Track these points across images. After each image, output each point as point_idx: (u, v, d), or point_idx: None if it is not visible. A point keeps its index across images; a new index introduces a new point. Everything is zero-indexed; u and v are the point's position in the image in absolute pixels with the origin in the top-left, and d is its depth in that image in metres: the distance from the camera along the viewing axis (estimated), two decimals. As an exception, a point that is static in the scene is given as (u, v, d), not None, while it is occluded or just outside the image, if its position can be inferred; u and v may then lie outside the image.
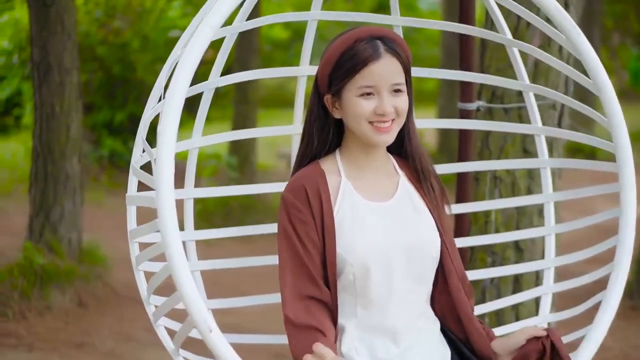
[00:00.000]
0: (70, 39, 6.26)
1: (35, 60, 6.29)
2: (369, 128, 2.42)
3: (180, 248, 2.06)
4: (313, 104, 2.51)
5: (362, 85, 2.39)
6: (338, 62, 2.42)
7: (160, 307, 2.44)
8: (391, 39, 2.43)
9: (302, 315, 2.35)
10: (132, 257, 2.62)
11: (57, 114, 6.29)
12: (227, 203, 8.59)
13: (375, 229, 2.42)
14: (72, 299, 6.05)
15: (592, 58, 2.53)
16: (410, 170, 2.57)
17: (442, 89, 13.21)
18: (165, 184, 2.08)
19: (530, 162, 3.40)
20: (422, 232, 2.47)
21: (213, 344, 2.06)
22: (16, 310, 5.75)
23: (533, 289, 3.21)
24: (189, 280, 2.05)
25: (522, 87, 3.09)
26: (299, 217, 2.40)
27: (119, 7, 10.75)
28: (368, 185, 2.49)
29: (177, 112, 2.11)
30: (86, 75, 10.03)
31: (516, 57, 3.07)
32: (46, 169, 6.36)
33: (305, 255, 2.39)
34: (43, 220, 6.41)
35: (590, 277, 2.87)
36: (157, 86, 2.66)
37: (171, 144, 2.10)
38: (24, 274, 5.96)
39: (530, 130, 3.18)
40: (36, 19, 6.24)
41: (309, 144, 2.52)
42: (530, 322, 3.16)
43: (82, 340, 5.53)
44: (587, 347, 2.46)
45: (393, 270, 2.41)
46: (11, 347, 5.33)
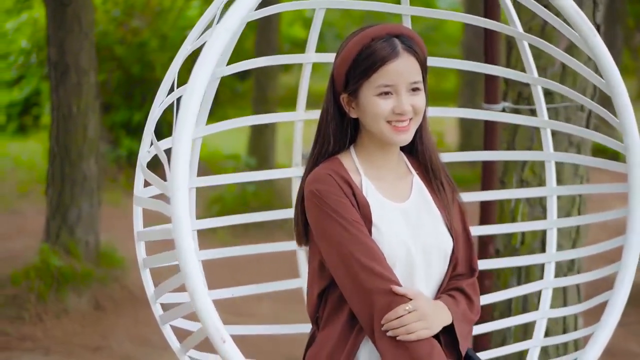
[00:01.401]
0: (88, 39, 6.20)
1: (52, 60, 6.23)
2: (387, 128, 2.39)
3: (196, 262, 2.06)
4: (328, 103, 2.47)
5: (381, 84, 2.36)
6: (355, 60, 2.38)
7: (170, 314, 2.45)
8: (408, 36, 2.40)
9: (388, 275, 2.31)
10: (139, 259, 2.62)
11: (74, 114, 6.23)
12: (246, 202, 8.52)
13: (400, 229, 2.39)
14: (89, 302, 6.00)
15: (606, 59, 2.55)
16: (421, 168, 2.54)
17: (462, 89, 13.07)
18: (181, 189, 2.07)
19: (534, 154, 3.39)
20: (438, 234, 2.45)
21: (227, 355, 2.05)
22: (32, 313, 5.72)
23: (534, 283, 3.19)
24: (204, 294, 2.04)
25: (530, 80, 3.07)
26: (337, 201, 2.34)
27: (137, 6, 10.70)
28: (386, 185, 2.46)
29: (192, 120, 2.08)
30: (104, 74, 9.99)
31: (526, 50, 3.04)
32: (63, 170, 6.30)
33: (360, 232, 2.33)
34: (60, 222, 6.35)
35: (594, 274, 2.92)
36: (166, 81, 2.65)
37: (186, 156, 2.08)
38: (41, 276, 5.92)
39: (536, 123, 3.15)
40: (53, 18, 6.18)
41: (325, 144, 2.48)
42: (530, 317, 3.13)
43: (99, 343, 5.48)
44: (592, 347, 2.53)
45: (414, 273, 2.39)
46: (27, 350, 5.29)
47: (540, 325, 3.05)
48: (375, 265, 2.29)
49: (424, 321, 2.27)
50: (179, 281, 2.24)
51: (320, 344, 2.41)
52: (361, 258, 2.30)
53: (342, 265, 2.31)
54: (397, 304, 2.28)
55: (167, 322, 2.53)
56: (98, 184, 6.52)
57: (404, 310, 2.26)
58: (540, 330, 3.05)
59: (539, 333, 3.04)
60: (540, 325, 3.05)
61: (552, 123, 3.15)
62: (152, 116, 2.62)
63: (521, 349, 3.10)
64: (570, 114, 3.72)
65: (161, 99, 2.65)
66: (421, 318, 2.27)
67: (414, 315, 2.26)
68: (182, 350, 2.47)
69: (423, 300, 2.31)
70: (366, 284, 2.29)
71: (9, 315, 5.67)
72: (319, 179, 2.38)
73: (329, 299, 2.43)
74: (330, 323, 2.41)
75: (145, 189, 2.67)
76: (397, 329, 2.26)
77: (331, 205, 2.34)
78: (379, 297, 2.28)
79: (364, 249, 2.31)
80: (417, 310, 2.26)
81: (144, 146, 2.65)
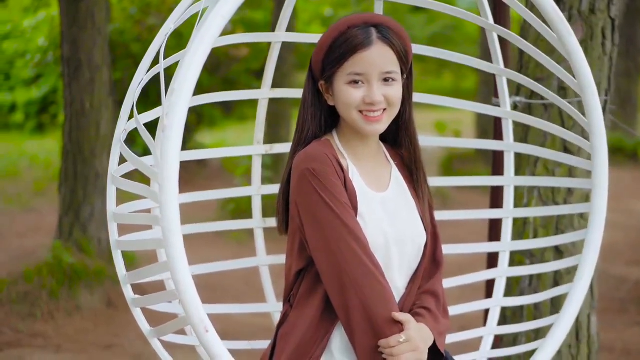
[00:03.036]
0: (101, 35, 6.17)
1: (65, 56, 6.21)
2: (358, 117, 2.38)
3: (182, 247, 2.02)
4: (307, 90, 2.48)
5: (351, 72, 2.36)
6: (330, 47, 2.39)
7: (148, 299, 2.46)
8: (386, 26, 2.39)
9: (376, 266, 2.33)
10: (111, 240, 2.61)
11: (87, 111, 6.21)
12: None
13: (380, 219, 2.40)
14: (102, 300, 5.96)
15: (580, 59, 2.60)
16: (400, 159, 2.55)
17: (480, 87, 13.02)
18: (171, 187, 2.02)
19: (493, 144, 3.44)
20: (413, 226, 2.46)
21: (209, 345, 2.04)
22: (44, 310, 5.69)
23: (488, 271, 3.30)
24: (189, 282, 2.01)
25: (496, 71, 3.14)
26: (333, 182, 2.33)
27: (153, 4, 10.66)
28: (367, 173, 2.46)
29: (182, 119, 2.04)
30: (121, 72, 9.97)
31: (495, 41, 3.13)
32: (76, 167, 6.28)
33: (350, 217, 2.33)
34: (73, 219, 6.33)
35: (554, 265, 3.08)
36: (146, 59, 2.64)
37: (177, 145, 2.03)
38: (53, 273, 5.89)
39: (498, 114, 3.26)
40: (66, 14, 6.16)
41: (304, 131, 2.47)
42: (483, 305, 3.25)
43: (111, 341, 5.45)
44: (552, 337, 2.63)
45: (390, 262, 2.40)
46: (39, 347, 5.26)
47: (493, 313, 3.15)
48: (363, 254, 2.30)
49: (416, 352, 2.29)
50: (162, 268, 2.25)
51: (292, 324, 2.42)
52: (351, 243, 2.29)
53: (327, 250, 2.31)
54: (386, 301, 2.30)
55: (140, 306, 2.54)
56: (111, 181, 6.48)
57: (397, 342, 2.27)
58: (494, 319, 3.14)
59: (493, 321, 3.13)
60: (493, 313, 3.15)
61: (514, 114, 3.25)
62: (131, 91, 2.62)
63: (475, 336, 3.16)
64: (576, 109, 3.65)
65: (141, 76, 2.64)
66: (413, 348, 2.29)
67: (406, 346, 2.28)
68: (154, 333, 2.48)
69: (413, 329, 2.31)
70: (354, 271, 2.29)
71: (21, 312, 5.64)
72: (316, 158, 2.36)
73: (305, 279, 2.42)
74: (304, 303, 2.41)
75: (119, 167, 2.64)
76: (389, 357, 2.28)
77: (326, 185, 2.32)
78: (367, 288, 2.29)
79: (353, 234, 2.30)
80: (409, 341, 2.28)
81: (121, 123, 2.65)
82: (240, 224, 3.18)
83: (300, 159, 2.38)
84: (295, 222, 2.41)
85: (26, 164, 11.53)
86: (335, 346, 2.38)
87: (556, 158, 3.13)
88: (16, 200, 9.65)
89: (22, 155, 12.15)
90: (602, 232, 2.69)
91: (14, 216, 8.91)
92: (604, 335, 5.21)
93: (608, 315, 5.62)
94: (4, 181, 10.71)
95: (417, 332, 2.31)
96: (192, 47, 2.06)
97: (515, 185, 3.36)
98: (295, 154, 2.43)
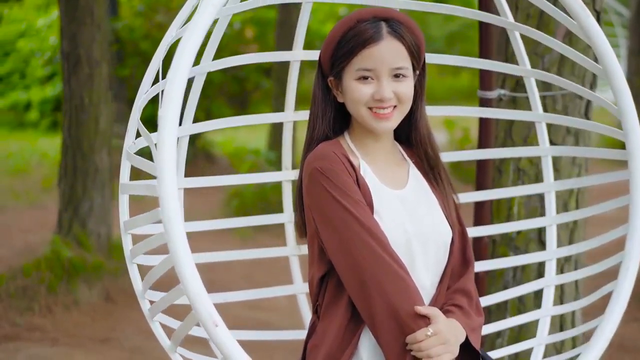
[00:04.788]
0: (100, 30, 6.18)
1: (64, 51, 6.23)
2: (367, 114, 2.30)
3: (184, 239, 1.95)
4: (317, 87, 2.40)
5: (360, 68, 2.28)
6: (339, 42, 2.31)
7: (160, 302, 2.34)
8: (397, 21, 2.30)
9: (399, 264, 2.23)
10: (125, 250, 2.52)
11: (86, 106, 6.22)
12: (265, 197, 8.48)
13: (399, 216, 2.30)
14: (100, 294, 5.98)
15: (602, 42, 2.42)
16: (417, 158, 2.45)
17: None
18: (168, 170, 1.97)
19: (531, 150, 3.28)
20: (436, 223, 2.36)
21: (219, 340, 1.94)
22: (42, 305, 5.71)
23: (535, 281, 3.09)
24: (194, 273, 1.94)
25: (522, 72, 3.00)
26: (343, 180, 2.25)
27: (162, 1, 10.68)
28: (382, 171, 2.38)
29: (179, 95, 2.00)
30: (129, 69, 10.00)
31: (517, 41, 2.98)
32: (75, 162, 6.30)
33: (365, 214, 2.24)
34: (72, 214, 6.35)
35: (600, 266, 2.80)
36: (151, 69, 2.56)
37: (174, 127, 1.98)
38: (52, 268, 5.91)
39: (531, 117, 3.10)
40: (66, 9, 6.18)
41: (316, 129, 2.40)
42: (533, 316, 3.06)
43: (108, 335, 5.46)
44: (598, 340, 2.38)
45: (414, 261, 2.30)
46: (36, 341, 5.28)
47: (544, 323, 2.99)
48: (381, 250, 2.21)
49: (445, 345, 2.19)
50: (167, 264, 2.16)
51: (320, 335, 2.33)
52: (368, 240, 2.20)
53: (344, 250, 2.22)
54: (409, 296, 2.21)
55: (157, 312, 2.42)
56: (110, 176, 6.50)
57: (424, 335, 2.17)
58: (544, 329, 2.99)
59: (543, 331, 2.98)
60: (544, 323, 2.99)
61: (548, 116, 3.08)
62: (137, 105, 2.52)
63: (525, 348, 3.02)
64: (567, 101, 3.64)
65: (146, 88, 2.57)
66: (442, 342, 2.18)
67: (435, 339, 2.17)
68: (173, 345, 2.36)
69: (442, 322, 2.21)
70: (373, 268, 2.20)
71: (19, 306, 5.66)
72: (324, 156, 2.29)
73: (328, 286, 2.34)
74: (330, 312, 2.32)
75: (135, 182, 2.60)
76: (418, 352, 2.18)
77: (336, 184, 2.24)
78: (389, 285, 2.20)
79: (370, 232, 2.22)
80: (437, 334, 2.18)
81: (129, 136, 2.57)
82: (275, 251, 3.06)
83: (309, 160, 2.31)
84: (311, 226, 2.33)
85: (36, 161, 11.58)
86: (364, 352, 2.28)
87: (592, 154, 3.00)
88: (24, 196, 9.70)
89: (34, 152, 12.21)
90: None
91: (21, 212, 8.96)
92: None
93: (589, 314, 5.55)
94: (14, 178, 10.77)
95: (445, 325, 2.21)
96: (187, 29, 2.06)
97: (556, 190, 3.15)
98: (307, 154, 2.36)
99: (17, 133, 14.70)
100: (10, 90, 15.58)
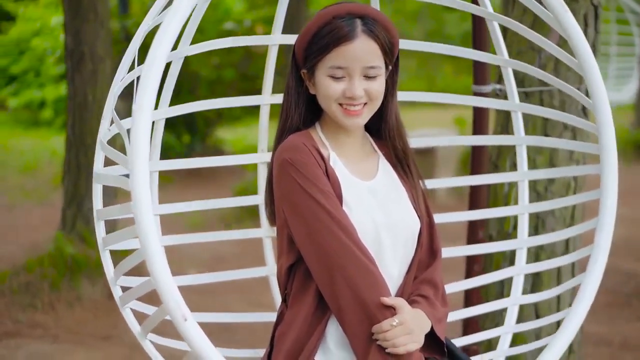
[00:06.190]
0: (104, 27, 6.16)
1: (68, 48, 6.21)
2: (338, 110, 2.34)
3: (155, 235, 1.96)
4: (290, 78, 2.43)
5: (333, 66, 2.31)
6: (314, 37, 2.33)
7: (130, 293, 2.38)
8: (372, 18, 2.33)
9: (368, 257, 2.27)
10: (98, 238, 2.58)
11: (89, 103, 6.20)
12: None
13: (369, 207, 2.34)
14: (102, 291, 5.96)
15: (578, 37, 2.47)
16: (387, 150, 2.49)
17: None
18: (141, 155, 1.98)
19: (506, 139, 3.34)
20: (405, 214, 2.40)
21: (188, 334, 1.97)
22: (45, 301, 5.70)
23: (505, 269, 3.13)
24: (164, 269, 1.95)
25: (500, 62, 3.04)
26: (313, 171, 2.29)
27: (172, -2, 10.67)
28: (352, 162, 2.41)
29: (155, 81, 2.02)
30: (139, 67, 9.97)
31: (496, 31, 3.01)
32: (78, 159, 6.28)
33: (335, 205, 2.28)
34: (75, 210, 6.34)
35: (570, 257, 2.87)
36: (127, 57, 2.62)
37: (148, 117, 2.00)
38: (55, 264, 5.90)
39: (507, 106, 3.14)
40: (69, 6, 6.16)
41: (288, 119, 2.43)
42: (502, 304, 3.08)
43: (110, 332, 5.45)
44: (564, 331, 2.43)
45: (383, 252, 2.34)
46: (37, 338, 5.27)
47: (512, 312, 3.00)
48: (349, 242, 2.24)
49: (411, 335, 2.23)
50: (138, 258, 2.20)
51: (288, 323, 2.37)
52: (336, 232, 2.24)
53: (313, 240, 2.26)
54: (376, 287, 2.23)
55: (128, 301, 2.47)
56: (114, 173, 6.48)
57: (390, 325, 2.20)
58: (512, 317, 2.99)
59: (511, 319, 2.99)
60: (512, 312, 3.00)
61: (523, 106, 3.11)
62: (112, 92, 2.57)
63: (492, 336, 3.04)
64: (565, 96, 3.60)
65: (122, 75, 2.60)
66: (407, 332, 2.22)
67: (400, 329, 2.21)
68: (143, 333, 2.44)
69: (407, 312, 2.24)
70: (341, 259, 2.23)
71: (21, 302, 5.66)
72: (293, 148, 2.32)
73: (296, 275, 2.37)
74: (298, 301, 2.36)
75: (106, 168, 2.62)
76: (383, 342, 2.22)
77: (305, 175, 2.28)
78: (356, 276, 2.23)
79: (339, 223, 2.25)
80: (403, 324, 2.21)
81: (104, 123, 2.60)
82: (248, 233, 3.08)
83: (279, 151, 2.35)
84: (281, 216, 2.36)
85: (46, 159, 11.61)
86: (331, 340, 2.33)
87: (566, 146, 3.01)
88: (33, 194, 9.72)
89: (45, 150, 12.24)
90: (614, 219, 2.53)
91: (30, 209, 8.97)
92: (603, 329, 5.14)
93: (611, 310, 5.54)
94: (24, 176, 10.80)
95: (411, 315, 2.25)
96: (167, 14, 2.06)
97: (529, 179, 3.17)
98: (279, 144, 2.40)
99: (31, 131, 14.75)
100: (25, 89, 15.62)
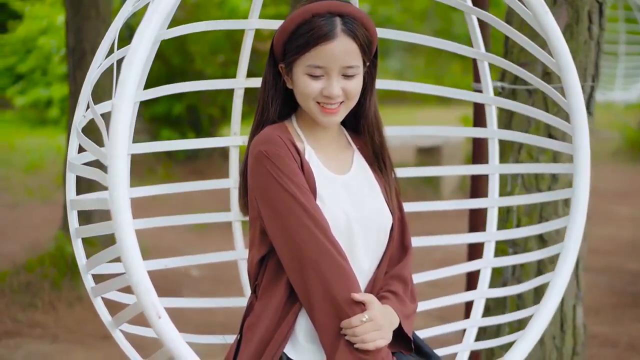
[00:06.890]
0: (105, 24, 6.12)
1: (70, 46, 6.18)
2: (315, 107, 2.35)
3: (132, 232, 1.94)
4: (268, 71, 2.43)
5: (312, 65, 2.31)
6: (293, 33, 2.32)
7: (103, 286, 2.41)
8: (352, 17, 2.32)
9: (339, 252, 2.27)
10: (70, 228, 2.60)
11: (91, 100, 6.16)
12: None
13: (342, 201, 2.35)
14: (103, 291, 5.93)
15: (557, 37, 2.48)
16: (363, 144, 2.51)
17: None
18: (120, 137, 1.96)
19: (475, 131, 3.39)
20: (377, 208, 2.41)
21: (162, 332, 1.94)
22: (45, 301, 5.68)
23: (472, 262, 3.18)
24: (140, 266, 1.93)
25: (477, 55, 3.08)
26: (287, 164, 2.29)
27: (177, -4, 10.64)
28: (327, 156, 2.43)
29: (139, 68, 1.99)
30: (144, 66, 9.95)
31: (474, 24, 3.05)
32: (80, 157, 6.24)
33: (308, 200, 2.28)
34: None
35: (541, 253, 2.93)
36: (105, 43, 2.60)
37: (127, 122, 1.98)
38: (55, 264, 5.87)
39: (482, 99, 3.16)
40: (71, 3, 6.12)
41: (265, 112, 2.43)
42: (467, 297, 3.14)
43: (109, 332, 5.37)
44: (532, 328, 2.46)
45: (354, 245, 2.35)
46: (37, 337, 5.24)
47: (478, 305, 3.05)
48: (322, 236, 2.25)
49: (380, 331, 2.24)
50: (114, 253, 2.19)
51: (257, 314, 2.37)
52: (309, 226, 2.25)
53: (285, 233, 2.27)
54: (346, 283, 2.24)
55: (100, 294, 2.50)
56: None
57: (359, 321, 2.22)
58: (478, 311, 3.04)
59: (477, 314, 3.04)
60: (478, 305, 3.05)
61: (497, 100, 3.13)
62: (89, 79, 2.58)
63: (459, 329, 3.08)
64: (564, 94, 3.53)
65: (99, 61, 2.60)
66: (377, 328, 2.24)
67: (369, 325, 2.23)
68: (114, 324, 2.46)
69: (377, 308, 2.26)
70: (313, 253, 2.24)
71: (22, 302, 5.64)
72: (268, 140, 2.32)
73: (267, 266, 2.38)
74: (268, 293, 2.36)
75: (80, 155, 2.61)
76: (352, 337, 2.23)
77: (281, 168, 2.28)
78: (327, 270, 2.24)
79: (312, 217, 2.26)
80: (372, 320, 2.23)
81: (79, 110, 2.62)
82: (218, 216, 3.07)
83: (254, 143, 2.35)
84: (254, 208, 2.36)
85: (51, 158, 11.60)
86: (300, 332, 2.33)
87: (538, 143, 3.03)
88: (37, 192, 9.71)
89: (50, 148, 12.23)
90: (585, 218, 2.55)
91: (33, 208, 8.96)
92: (609, 330, 5.10)
93: (618, 310, 5.50)
94: (29, 174, 10.80)
95: (380, 312, 2.26)
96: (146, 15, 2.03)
97: (500, 173, 3.25)
98: (255, 135, 2.39)
99: (38, 130, 14.77)
100: (32, 88, 15.62)
